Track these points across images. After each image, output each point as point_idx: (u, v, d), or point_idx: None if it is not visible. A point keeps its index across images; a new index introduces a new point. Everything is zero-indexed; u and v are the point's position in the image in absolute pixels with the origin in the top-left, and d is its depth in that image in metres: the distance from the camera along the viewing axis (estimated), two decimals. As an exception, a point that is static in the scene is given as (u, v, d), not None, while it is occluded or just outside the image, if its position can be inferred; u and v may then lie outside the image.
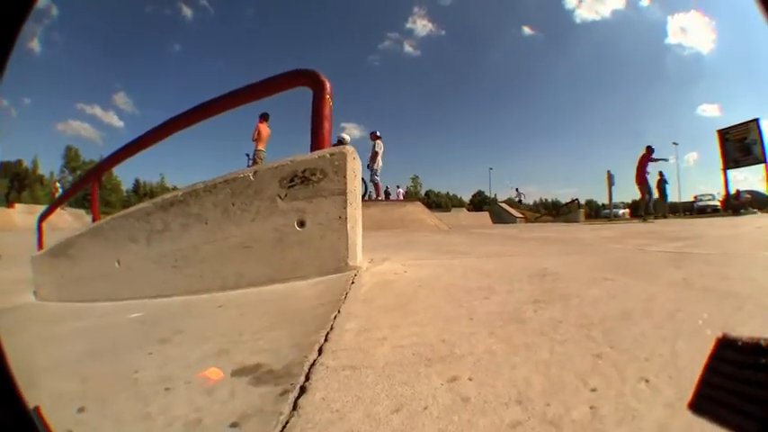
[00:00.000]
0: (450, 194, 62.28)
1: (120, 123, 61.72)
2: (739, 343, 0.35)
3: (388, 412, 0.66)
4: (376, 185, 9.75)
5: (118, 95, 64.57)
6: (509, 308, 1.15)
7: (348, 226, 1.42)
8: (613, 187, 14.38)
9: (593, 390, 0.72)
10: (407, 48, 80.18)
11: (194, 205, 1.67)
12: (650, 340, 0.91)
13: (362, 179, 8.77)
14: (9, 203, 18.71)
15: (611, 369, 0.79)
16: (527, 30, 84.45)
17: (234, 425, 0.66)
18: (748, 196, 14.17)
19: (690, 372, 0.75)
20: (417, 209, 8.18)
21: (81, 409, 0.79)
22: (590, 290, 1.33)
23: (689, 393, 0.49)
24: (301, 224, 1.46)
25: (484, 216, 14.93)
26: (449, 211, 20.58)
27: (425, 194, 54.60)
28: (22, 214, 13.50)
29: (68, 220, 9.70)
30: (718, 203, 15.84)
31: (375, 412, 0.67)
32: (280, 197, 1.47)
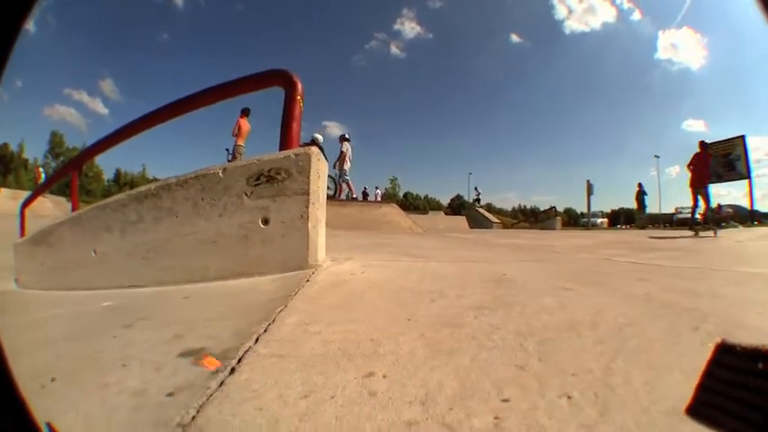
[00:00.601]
0: (429, 197, 63.29)
1: (105, 111, 62.51)
2: (738, 349, 0.37)
3: (298, 397, 0.76)
4: (348, 185, 10.22)
5: (105, 82, 65.47)
6: (451, 312, 1.24)
7: (309, 225, 1.53)
8: (592, 196, 15.41)
9: (505, 400, 0.73)
10: (394, 49, 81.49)
11: (167, 199, 1.79)
12: (586, 355, 0.92)
13: (333, 179, 9.41)
14: None
15: (532, 381, 0.80)
16: (515, 37, 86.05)
17: (170, 394, 0.80)
18: (730, 210, 14.69)
19: (621, 391, 0.75)
20: (393, 210, 8.44)
21: (53, 379, 0.93)
22: (542, 298, 1.41)
23: (613, 414, 0.57)
24: (265, 222, 1.57)
25: (461, 220, 15.28)
26: (426, 213, 20.89)
27: (404, 196, 55.76)
28: (6, 199, 13.53)
29: (49, 208, 9.90)
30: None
31: (286, 395, 0.77)
32: (246, 194, 1.59)
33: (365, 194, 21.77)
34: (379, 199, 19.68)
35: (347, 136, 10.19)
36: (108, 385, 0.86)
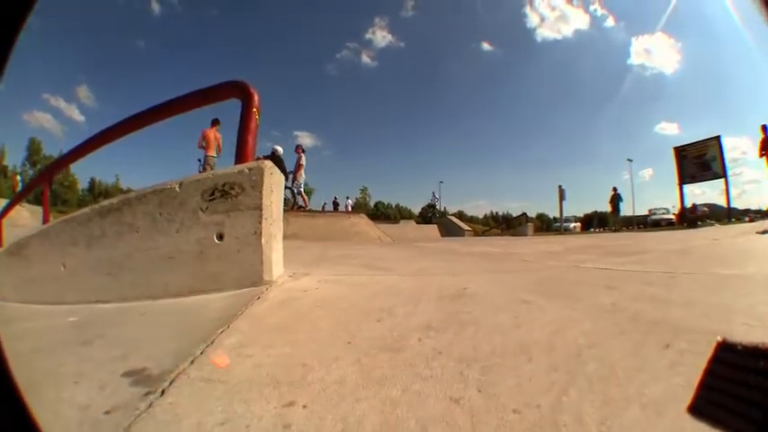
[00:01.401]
0: (401, 206, 64.82)
1: (81, 118, 63.49)
2: (739, 347, 0.38)
3: (215, 423, 0.83)
4: (302, 196, 10.87)
5: (81, 89, 66.41)
6: (395, 334, 1.27)
7: (263, 241, 1.61)
8: (564, 201, 16.16)
9: (428, 442, 0.71)
10: (365, 58, 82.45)
11: (128, 213, 1.89)
12: (535, 385, 0.88)
13: (291, 190, 9.94)
14: None
15: (464, 419, 0.77)
16: (486, 45, 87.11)
17: (107, 412, 0.90)
18: (705, 209, 15.33)
19: (572, 430, 0.71)
20: (362, 221, 8.74)
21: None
22: (497, 316, 1.42)
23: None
24: (220, 237, 1.66)
25: (432, 229, 15.73)
26: (397, 223, 21.58)
27: (375, 206, 57.15)
28: None
29: (26, 217, 10.19)
30: (673, 217, 17.51)
31: (204, 422, 0.84)
32: (201, 210, 1.68)
33: (335, 204, 22.44)
34: (349, 209, 20.32)
35: (303, 147, 10.92)
36: (62, 400, 0.97)
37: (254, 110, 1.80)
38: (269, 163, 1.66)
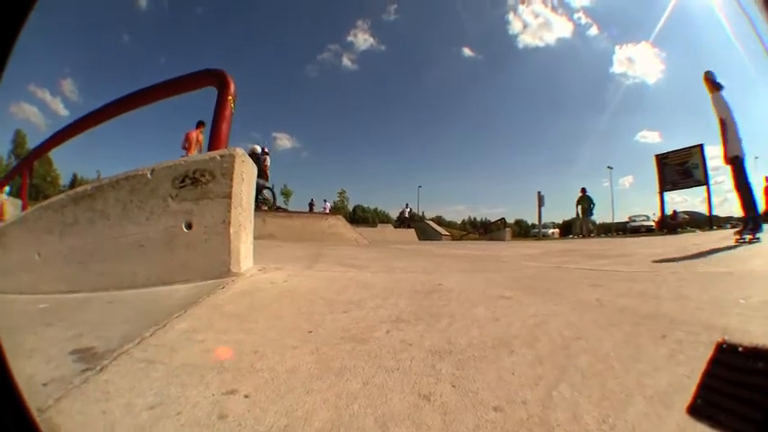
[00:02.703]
0: (378, 210, 66.07)
1: (65, 112, 65.37)
2: (739, 348, 0.39)
3: (144, 407, 0.83)
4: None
5: (65, 81, 68.52)
6: (362, 325, 1.28)
7: (231, 230, 1.66)
8: (543, 208, 16.44)
9: (387, 447, 0.67)
10: (346, 61, 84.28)
11: (100, 200, 1.96)
12: (518, 379, 0.84)
13: (271, 189, 10.25)
14: None
15: (434, 417, 0.71)
16: (467, 51, 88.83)
17: (45, 384, 0.95)
18: (686, 216, 16.04)
19: (567, 430, 0.65)
20: (339, 222, 8.96)
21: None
22: (474, 309, 1.42)
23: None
24: (189, 226, 1.71)
25: (410, 233, 16.08)
26: (375, 226, 22.02)
27: (353, 210, 57.81)
28: None
29: (9, 211, 10.56)
30: (653, 224, 18.13)
31: (134, 403, 0.85)
32: (171, 197, 1.74)
33: (311, 206, 22.91)
34: (327, 211, 20.64)
35: (267, 150, 11.23)
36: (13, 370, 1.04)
37: (230, 98, 1.87)
38: (240, 150, 1.72)
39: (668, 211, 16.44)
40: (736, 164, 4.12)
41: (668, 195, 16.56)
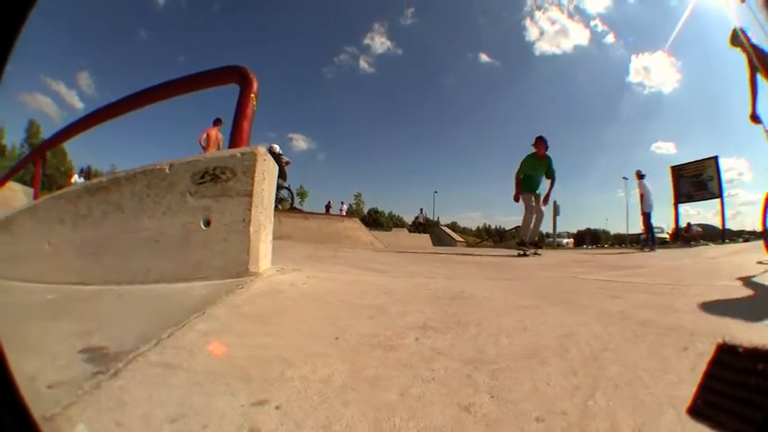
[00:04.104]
0: (393, 215, 64.98)
1: (80, 105, 63.03)
2: (739, 349, 0.38)
3: (164, 419, 0.70)
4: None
5: (82, 75, 66.60)
6: (389, 332, 1.16)
7: (251, 229, 1.52)
8: (558, 217, 16.03)
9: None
10: (363, 64, 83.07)
11: (115, 193, 1.81)
12: (555, 389, 0.79)
13: (289, 190, 9.84)
14: None
15: (478, 429, 0.66)
16: (484, 57, 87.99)
17: (50, 386, 0.81)
18: (699, 229, 15.03)
19: None
20: (354, 225, 8.68)
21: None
22: (500, 318, 1.33)
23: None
24: (207, 223, 1.58)
25: (424, 238, 15.58)
26: (390, 230, 21.20)
27: (368, 213, 57.08)
28: None
29: (21, 198, 10.21)
30: (667, 236, 17.36)
31: (154, 415, 0.72)
32: (190, 193, 1.60)
33: (328, 208, 22.47)
34: (343, 214, 20.19)
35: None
36: (17, 369, 0.89)
37: (252, 95, 1.75)
38: (262, 149, 1.59)
39: (682, 224, 15.65)
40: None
41: (682, 208, 15.77)
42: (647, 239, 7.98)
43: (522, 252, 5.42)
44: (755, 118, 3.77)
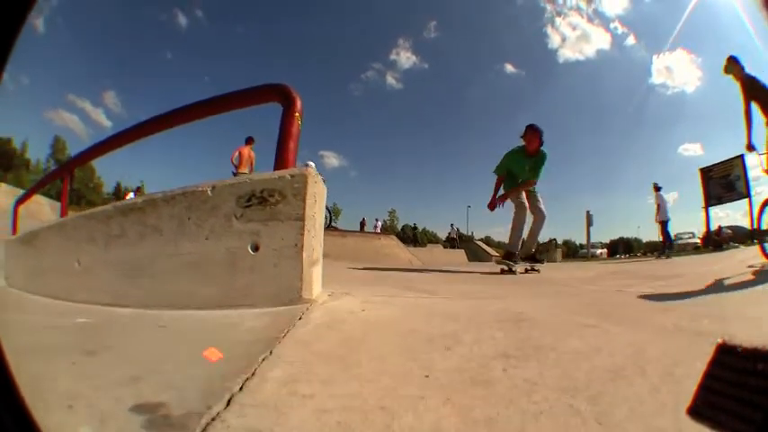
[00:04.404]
0: (427, 230, 64.08)
1: (107, 123, 62.25)
2: (739, 349, 0.37)
3: None
4: None
5: (107, 94, 65.76)
6: (474, 364, 1.05)
7: (304, 255, 1.39)
8: (592, 227, 15.42)
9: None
10: (390, 79, 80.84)
11: (152, 215, 1.66)
12: (648, 408, 0.79)
13: (328, 208, 9.40)
14: None
15: None
16: (509, 67, 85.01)
17: None
18: (729, 232, 14.32)
19: None
20: (392, 242, 8.37)
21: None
22: (569, 340, 1.25)
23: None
24: (255, 248, 1.43)
25: (459, 253, 15.09)
26: (424, 246, 20.91)
27: (402, 229, 56.20)
28: (5, 194, 13.11)
29: (47, 212, 9.93)
30: (698, 241, 16.64)
31: None
32: (235, 216, 1.45)
33: (362, 225, 21.91)
34: (378, 230, 19.71)
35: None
36: (49, 429, 0.66)
37: (297, 114, 1.60)
38: (313, 170, 1.44)
39: (713, 227, 14.55)
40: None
41: (712, 210, 14.39)
42: (665, 247, 8.49)
43: (507, 267, 4.15)
44: (751, 147, 3.71)
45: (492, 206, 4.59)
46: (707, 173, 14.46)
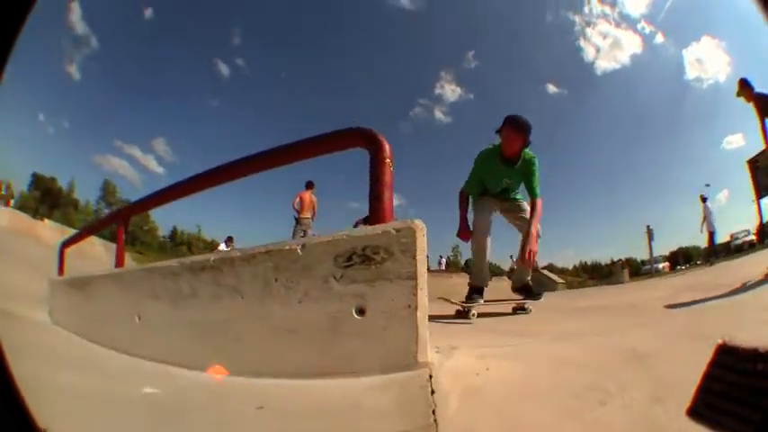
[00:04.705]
0: (492, 263, 61.69)
1: (159, 169, 61.14)
2: (739, 350, 0.37)
3: None
4: None
5: (157, 141, 65.11)
6: (638, 414, 0.92)
7: (418, 315, 1.17)
8: (653, 242, 14.36)
9: None
10: (438, 114, 76.57)
11: (229, 275, 1.45)
12: None
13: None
14: (38, 216, 19.99)
15: None
16: (552, 87, 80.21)
17: None
18: None
19: None
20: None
21: None
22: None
23: None
24: (361, 312, 1.22)
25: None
26: (490, 280, 19.86)
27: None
28: (53, 231, 14.29)
29: (99, 252, 9.87)
30: (754, 237, 15.08)
31: None
32: (335, 278, 1.24)
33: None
34: (443, 267, 19.00)
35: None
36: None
37: (388, 160, 1.38)
38: (420, 223, 1.22)
39: (766, 219, 13.09)
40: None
41: (764, 201, 14.19)
42: (713, 255, 8.78)
43: (463, 309, 2.97)
44: (764, 231, 3.69)
45: (464, 234, 3.33)
46: (754, 163, 13.68)
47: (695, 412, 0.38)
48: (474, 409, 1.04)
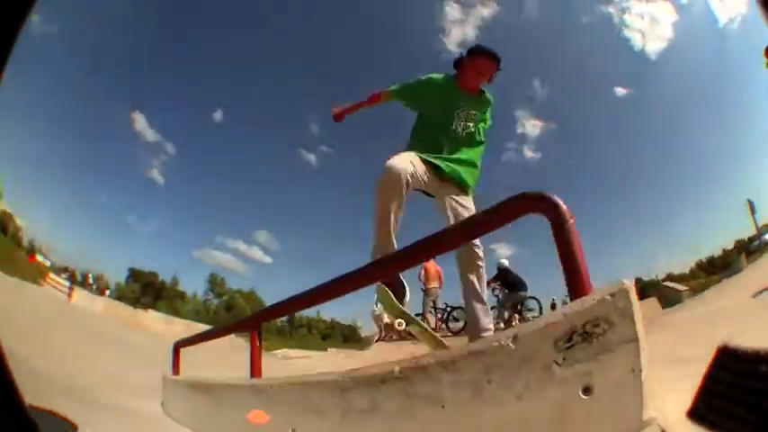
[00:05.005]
0: None
1: (267, 259, 57.18)
2: (739, 352, 0.48)
3: None
4: None
5: (260, 232, 61.20)
6: None
7: (642, 376, 1.14)
8: (756, 215, 13.51)
9: None
10: (528, 153, 69.83)
11: (423, 384, 1.41)
12: None
13: (535, 299, 8.75)
14: (138, 305, 21.83)
15: None
16: (619, 90, 72.51)
17: None
18: None
19: None
20: None
21: None
22: None
23: None
24: (587, 390, 1.18)
25: (651, 302, 11.92)
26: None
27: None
28: (158, 321, 16.08)
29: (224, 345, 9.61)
30: None
31: None
32: (556, 363, 1.22)
33: None
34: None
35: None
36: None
37: (572, 221, 1.32)
38: (629, 282, 1.18)
39: None
40: None
41: None
42: None
43: (384, 335, 2.52)
44: None
45: (340, 115, 2.67)
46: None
47: (695, 413, 0.38)
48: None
